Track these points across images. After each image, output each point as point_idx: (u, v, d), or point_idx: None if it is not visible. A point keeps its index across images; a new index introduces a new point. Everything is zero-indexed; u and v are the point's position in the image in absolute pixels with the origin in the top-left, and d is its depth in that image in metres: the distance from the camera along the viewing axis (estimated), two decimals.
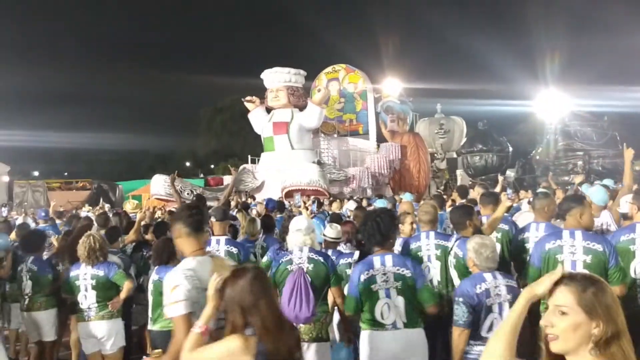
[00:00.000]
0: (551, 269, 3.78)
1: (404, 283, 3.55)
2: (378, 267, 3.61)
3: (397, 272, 3.57)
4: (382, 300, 3.57)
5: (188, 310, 2.64)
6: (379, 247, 3.69)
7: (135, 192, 33.03)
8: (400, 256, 3.72)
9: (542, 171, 23.67)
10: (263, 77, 24.36)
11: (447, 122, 33.98)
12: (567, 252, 3.80)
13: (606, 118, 23.39)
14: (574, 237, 3.81)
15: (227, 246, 4.89)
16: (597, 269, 3.68)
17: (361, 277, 3.63)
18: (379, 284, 3.58)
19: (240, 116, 38.88)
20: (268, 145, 23.91)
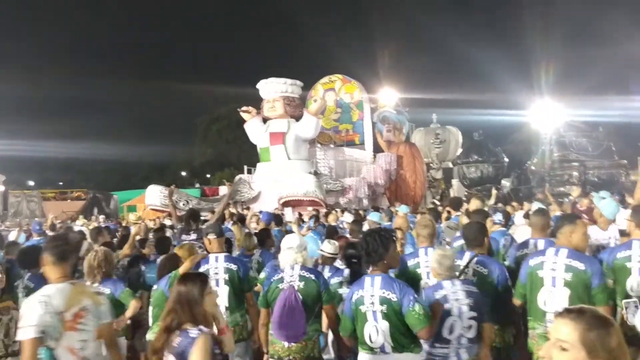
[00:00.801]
0: (534, 285, 3.80)
1: (389, 307, 3.41)
2: (367, 288, 3.51)
3: (383, 296, 3.44)
4: (370, 323, 3.48)
5: (36, 335, 2.87)
6: (372, 266, 3.60)
7: (130, 202, 32.95)
8: (390, 278, 3.54)
9: (538, 182, 23.73)
10: (259, 87, 24.38)
11: (443, 132, 34.08)
12: (547, 269, 3.79)
13: (601, 129, 23.50)
14: (558, 254, 3.80)
15: (226, 263, 4.82)
16: (577, 288, 3.67)
17: (353, 297, 3.57)
18: (367, 306, 3.48)
19: (237, 126, 38.88)
20: (264, 156, 23.89)
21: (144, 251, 6.69)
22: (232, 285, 4.75)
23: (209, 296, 2.78)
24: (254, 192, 22.71)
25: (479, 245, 4.45)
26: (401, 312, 3.40)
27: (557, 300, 3.69)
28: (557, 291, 3.71)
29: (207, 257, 4.88)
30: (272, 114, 23.81)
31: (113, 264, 5.07)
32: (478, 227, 4.63)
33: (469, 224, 4.90)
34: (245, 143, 28.53)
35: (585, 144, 22.90)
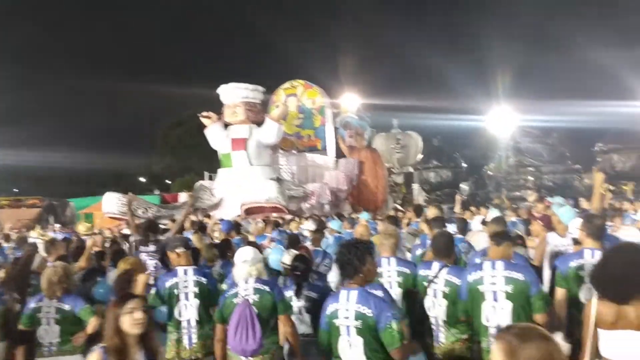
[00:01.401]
0: (476, 301, 3.86)
1: (364, 323, 3.33)
2: (342, 302, 3.43)
3: (358, 311, 3.35)
4: (343, 337, 3.43)
5: None
6: (348, 280, 3.54)
7: (87, 209, 32.06)
8: (366, 293, 3.44)
9: (495, 186, 24.32)
10: (220, 93, 24.15)
11: (404, 137, 34.50)
12: (487, 283, 3.86)
13: (555, 135, 24.26)
14: (495, 267, 3.88)
15: (195, 276, 4.75)
16: (518, 299, 3.77)
17: (328, 311, 3.52)
18: (341, 320, 3.42)
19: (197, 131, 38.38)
20: (226, 162, 23.66)
21: (104, 263, 6.51)
22: (202, 299, 4.69)
23: (126, 316, 2.85)
24: (215, 198, 22.47)
25: (448, 256, 4.53)
26: (376, 329, 3.33)
27: (500, 314, 3.77)
28: (499, 305, 3.78)
29: (174, 270, 4.79)
30: (233, 119, 23.61)
31: (72, 280, 4.95)
32: (447, 237, 4.72)
33: (438, 234, 4.97)
34: (206, 149, 28.16)
35: (539, 150, 23.62)
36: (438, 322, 4.43)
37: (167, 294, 4.64)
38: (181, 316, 4.67)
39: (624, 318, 3.06)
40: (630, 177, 21.00)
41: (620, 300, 3.08)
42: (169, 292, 4.64)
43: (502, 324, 3.78)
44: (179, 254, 4.81)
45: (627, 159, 21.72)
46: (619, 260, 3.17)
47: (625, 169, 21.61)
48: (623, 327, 3.08)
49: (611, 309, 3.11)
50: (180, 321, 4.66)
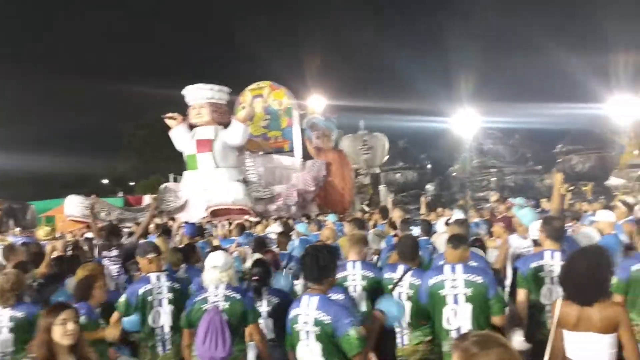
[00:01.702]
0: (437, 304, 3.92)
1: (322, 329, 3.35)
2: (303, 307, 3.45)
3: (317, 317, 3.37)
4: (303, 342, 3.45)
5: None
6: (312, 284, 3.54)
7: (49, 212, 31.28)
8: (327, 300, 3.46)
9: (459, 187, 24.74)
10: (185, 94, 23.88)
11: (370, 138, 34.74)
12: (448, 287, 3.91)
13: (517, 136, 24.83)
14: (455, 270, 3.95)
15: (169, 282, 4.69)
16: (477, 301, 3.85)
17: (291, 314, 3.53)
18: (301, 325, 3.44)
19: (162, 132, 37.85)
20: (191, 164, 23.39)
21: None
22: (176, 304, 4.60)
23: (57, 327, 2.83)
24: (181, 201, 22.20)
25: (413, 259, 4.58)
26: (334, 335, 3.34)
27: (460, 317, 3.83)
28: (460, 308, 3.85)
29: (147, 276, 4.70)
30: (198, 120, 23.38)
31: (24, 286, 4.78)
32: (412, 240, 4.77)
33: (403, 237, 5.01)
34: (170, 150, 27.78)
35: (502, 151, 24.15)
36: (402, 325, 4.48)
37: (140, 300, 4.53)
38: (155, 323, 4.59)
39: (587, 320, 3.14)
40: (589, 177, 21.64)
41: (583, 303, 3.16)
42: (142, 298, 4.54)
43: (463, 326, 3.85)
44: (150, 259, 4.72)
45: (586, 160, 22.37)
46: (583, 263, 3.25)
47: (585, 169, 22.25)
48: (585, 329, 3.16)
49: (574, 311, 3.18)
50: (154, 328, 4.59)
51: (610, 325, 3.13)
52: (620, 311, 3.19)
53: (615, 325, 3.14)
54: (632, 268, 4.18)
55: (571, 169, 22.76)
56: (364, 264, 4.86)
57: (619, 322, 3.14)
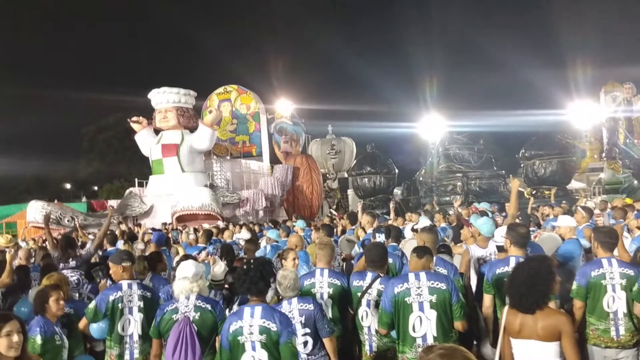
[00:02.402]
0: (403, 312, 3.95)
1: (268, 337, 3.43)
2: (247, 318, 3.50)
3: (262, 325, 3.45)
4: (247, 354, 3.46)
5: None
6: (253, 297, 3.60)
7: (9, 218, 30.28)
8: (270, 309, 3.58)
9: (426, 192, 25.03)
10: (150, 97, 23.54)
11: (338, 142, 34.94)
12: (414, 294, 3.96)
13: (482, 141, 25.30)
14: (419, 278, 4.00)
15: (140, 290, 4.61)
16: (442, 307, 3.91)
17: (230, 329, 3.51)
18: (245, 336, 3.46)
19: (126, 136, 37.22)
20: (157, 168, 23.05)
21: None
22: (147, 313, 4.53)
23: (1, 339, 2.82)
24: (146, 206, 21.85)
25: (382, 267, 4.60)
26: (279, 342, 3.42)
27: (425, 323, 3.88)
28: (426, 315, 3.89)
29: (119, 284, 4.60)
30: (164, 124, 23.08)
31: None
32: (382, 249, 4.79)
33: (372, 245, 5.02)
34: (135, 154, 27.37)
35: (467, 156, 24.55)
36: (371, 332, 4.49)
37: (110, 307, 4.44)
38: (124, 331, 4.50)
39: (529, 327, 3.21)
40: (552, 182, 22.16)
41: (525, 311, 3.22)
42: (113, 306, 4.45)
43: (428, 333, 3.89)
44: (125, 267, 4.64)
45: (548, 164, 22.89)
46: (524, 273, 3.33)
47: (547, 174, 22.76)
48: (528, 337, 3.22)
49: (517, 318, 3.24)
50: (123, 336, 4.50)
51: (552, 333, 3.17)
52: (563, 320, 3.23)
53: (558, 334, 3.18)
54: (592, 273, 4.27)
55: (534, 173, 23.28)
56: (332, 272, 4.86)
57: (562, 331, 3.18)
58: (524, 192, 25.13)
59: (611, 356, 4.18)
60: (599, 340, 4.22)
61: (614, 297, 4.16)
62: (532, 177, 23.59)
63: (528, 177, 23.94)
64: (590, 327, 4.26)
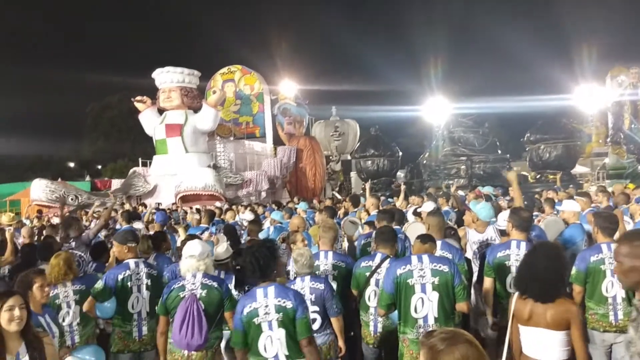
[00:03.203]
0: (405, 294, 3.99)
1: (285, 315, 3.45)
2: (260, 299, 3.49)
3: (278, 304, 3.46)
4: (265, 334, 3.47)
5: None
6: (261, 280, 3.58)
7: (13, 196, 30.47)
8: (283, 287, 3.59)
9: (429, 175, 24.94)
10: (154, 77, 23.49)
11: (342, 124, 34.79)
12: (417, 276, 4.00)
13: (487, 124, 25.09)
14: (422, 260, 4.04)
15: (147, 269, 4.69)
16: (444, 289, 3.95)
17: (244, 311, 3.51)
18: (261, 317, 3.47)
19: (130, 115, 37.15)
20: (160, 148, 23.09)
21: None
22: (154, 291, 4.61)
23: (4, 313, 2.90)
24: (150, 186, 21.93)
25: (392, 248, 4.66)
26: (295, 318, 3.45)
27: (427, 305, 3.92)
28: (428, 296, 3.93)
29: (126, 262, 4.67)
30: (168, 104, 23.06)
31: None
32: (390, 229, 4.84)
33: (383, 227, 5.06)
34: (139, 134, 27.38)
35: (472, 140, 24.37)
36: (377, 312, 4.53)
37: (119, 286, 4.52)
38: (134, 308, 4.59)
39: (538, 316, 3.20)
40: (556, 166, 22.03)
41: (545, 300, 3.20)
42: (122, 284, 4.53)
43: (430, 314, 3.93)
44: (129, 247, 4.71)
45: (553, 148, 22.74)
46: (543, 261, 3.29)
47: (552, 158, 22.64)
48: (536, 325, 3.23)
49: (527, 306, 3.24)
50: (132, 313, 4.58)
51: (561, 322, 3.18)
52: (573, 310, 3.24)
53: (567, 323, 3.19)
54: (591, 259, 4.31)
55: (539, 157, 23.16)
56: (336, 254, 4.91)
57: (571, 320, 3.19)
58: (528, 176, 25.10)
59: (609, 340, 4.22)
60: (597, 324, 4.26)
61: (613, 282, 4.20)
62: (536, 162, 23.46)
63: (533, 161, 23.83)
64: (589, 312, 4.31)
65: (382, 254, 4.62)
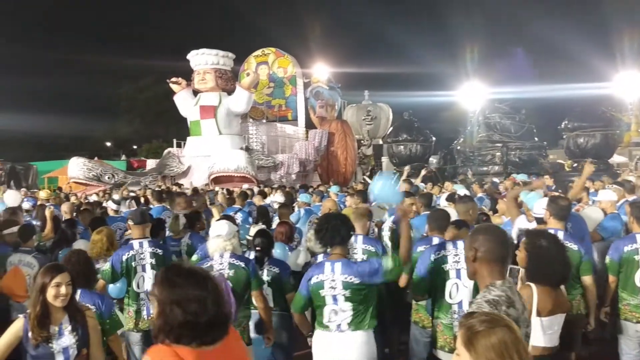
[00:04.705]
0: (438, 278, 3.96)
1: (352, 290, 3.56)
2: (327, 273, 3.61)
3: (345, 281, 3.57)
4: (329, 306, 3.60)
5: None
6: (332, 251, 3.70)
7: (51, 173, 31.39)
8: (350, 262, 3.71)
9: (463, 161, 24.55)
10: (190, 58, 23.67)
11: (374, 108, 34.56)
12: (451, 262, 3.96)
13: (524, 111, 24.53)
14: (457, 246, 3.99)
15: (151, 248, 4.77)
16: None
17: (311, 280, 3.65)
18: (326, 290, 3.60)
19: (165, 97, 37.61)
20: (194, 130, 23.35)
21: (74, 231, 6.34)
22: (159, 270, 4.67)
23: (51, 289, 2.99)
24: (184, 166, 22.25)
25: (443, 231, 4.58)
26: (362, 291, 3.57)
27: (462, 291, 3.88)
28: (463, 282, 3.89)
29: (130, 243, 4.82)
30: (202, 86, 23.24)
31: None
32: (444, 214, 4.79)
33: (435, 211, 5.03)
34: (174, 116, 27.70)
35: (508, 126, 23.86)
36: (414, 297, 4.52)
37: (124, 267, 4.64)
38: (139, 288, 4.69)
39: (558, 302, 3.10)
40: (594, 155, 21.45)
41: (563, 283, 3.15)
42: (127, 264, 4.65)
43: (465, 300, 3.89)
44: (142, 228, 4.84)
45: (590, 137, 22.15)
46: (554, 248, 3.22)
47: (589, 147, 22.06)
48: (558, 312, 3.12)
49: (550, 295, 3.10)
50: (138, 293, 4.69)
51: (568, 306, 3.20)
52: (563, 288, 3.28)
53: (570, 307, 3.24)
54: (625, 249, 4.24)
55: (576, 145, 22.60)
56: (366, 238, 4.89)
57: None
58: (565, 164, 24.52)
59: None
60: (630, 315, 4.19)
61: None
62: (573, 150, 22.90)
63: (569, 149, 23.26)
64: (622, 302, 4.24)
65: (439, 238, 4.55)
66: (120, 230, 7.10)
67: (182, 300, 1.82)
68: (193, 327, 1.82)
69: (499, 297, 2.27)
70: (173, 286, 1.88)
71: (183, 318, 1.80)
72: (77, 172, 19.96)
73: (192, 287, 1.87)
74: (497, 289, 2.32)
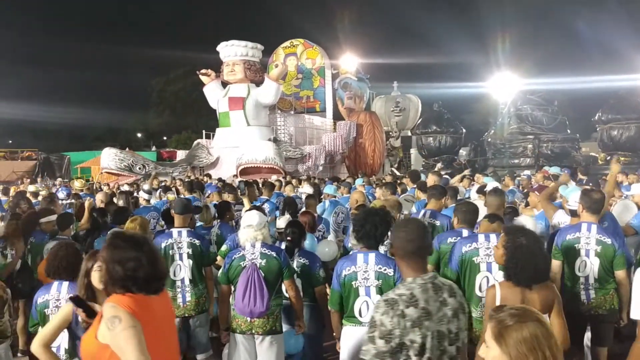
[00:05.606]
0: (469, 272, 3.93)
1: (385, 282, 3.56)
2: (360, 264, 3.62)
3: (379, 271, 3.57)
4: (361, 298, 3.59)
5: None
6: (366, 246, 3.68)
7: (84, 164, 32.09)
8: (383, 255, 3.68)
9: (494, 153, 24.18)
10: (219, 50, 23.85)
11: (403, 100, 34.28)
12: (482, 255, 3.94)
13: (556, 102, 24.00)
14: (489, 239, 3.96)
15: (189, 238, 4.83)
16: None
17: (343, 273, 3.66)
18: (359, 282, 3.60)
19: (194, 88, 37.96)
20: (223, 121, 23.55)
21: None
22: (195, 259, 4.78)
23: (94, 273, 3.06)
24: (212, 157, 22.49)
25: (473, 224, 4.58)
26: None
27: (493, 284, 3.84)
28: (493, 275, 3.88)
29: (169, 231, 4.89)
30: (231, 78, 23.39)
31: None
32: (472, 206, 4.75)
33: (462, 204, 4.98)
34: (203, 107, 27.99)
35: (540, 118, 23.37)
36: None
37: (162, 254, 4.71)
38: (176, 276, 4.77)
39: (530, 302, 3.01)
40: (628, 148, 20.91)
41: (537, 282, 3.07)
42: (164, 252, 4.73)
43: None
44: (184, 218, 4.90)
45: (625, 129, 21.57)
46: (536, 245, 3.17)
47: (623, 139, 21.49)
48: None
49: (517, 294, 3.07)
50: (174, 280, 4.77)
51: (547, 306, 3.08)
52: (554, 292, 3.14)
53: (551, 306, 3.09)
54: None
55: (609, 138, 22.04)
56: None
57: (554, 302, 3.09)
58: (598, 157, 23.95)
59: None
60: None
61: None
62: (607, 142, 22.33)
63: (603, 141, 22.68)
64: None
65: (468, 231, 4.50)
66: (154, 220, 7.23)
67: (122, 259, 2.27)
68: (133, 281, 2.26)
69: (399, 297, 2.22)
70: (114, 248, 2.32)
71: (123, 273, 2.25)
72: (110, 163, 20.35)
73: (130, 249, 2.31)
74: (403, 287, 2.28)
